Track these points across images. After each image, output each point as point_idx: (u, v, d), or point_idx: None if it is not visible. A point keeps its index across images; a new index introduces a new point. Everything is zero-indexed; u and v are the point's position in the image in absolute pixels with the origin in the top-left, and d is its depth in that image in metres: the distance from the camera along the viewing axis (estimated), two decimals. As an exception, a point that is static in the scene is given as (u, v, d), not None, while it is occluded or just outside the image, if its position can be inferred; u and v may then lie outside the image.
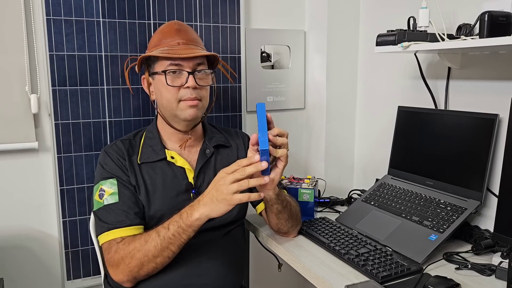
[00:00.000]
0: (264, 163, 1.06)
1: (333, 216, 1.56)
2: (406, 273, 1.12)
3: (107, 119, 1.57)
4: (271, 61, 1.90)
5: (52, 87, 1.48)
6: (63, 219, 1.54)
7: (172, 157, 1.28)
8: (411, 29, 1.31)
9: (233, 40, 1.74)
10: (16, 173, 1.49)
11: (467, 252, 1.24)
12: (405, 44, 1.26)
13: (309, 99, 1.95)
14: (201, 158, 1.31)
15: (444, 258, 1.21)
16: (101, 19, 1.52)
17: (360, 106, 1.90)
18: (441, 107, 1.49)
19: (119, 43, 1.55)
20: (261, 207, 1.36)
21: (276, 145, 1.11)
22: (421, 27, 1.29)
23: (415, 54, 1.50)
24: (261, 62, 1.84)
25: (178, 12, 1.63)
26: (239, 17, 1.74)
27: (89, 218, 1.44)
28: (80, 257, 1.58)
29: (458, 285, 1.05)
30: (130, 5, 1.55)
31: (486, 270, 1.13)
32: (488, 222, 1.33)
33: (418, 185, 1.47)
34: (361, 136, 1.91)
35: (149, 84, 1.30)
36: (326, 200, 1.70)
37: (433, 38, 1.27)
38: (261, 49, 1.84)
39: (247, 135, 1.47)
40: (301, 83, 1.94)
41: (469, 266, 1.15)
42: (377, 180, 1.63)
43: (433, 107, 1.51)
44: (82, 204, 1.56)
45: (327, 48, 1.81)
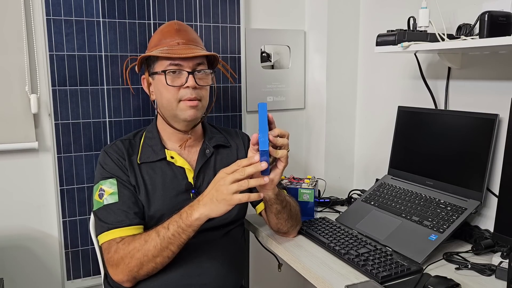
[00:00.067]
0: (263, 164, 1.05)
1: (333, 216, 1.56)
2: (406, 273, 1.12)
3: (107, 119, 1.57)
4: (271, 61, 1.90)
5: (52, 87, 1.48)
6: (63, 219, 1.54)
7: (172, 157, 1.28)
8: (411, 29, 1.31)
9: (233, 40, 1.74)
10: (16, 173, 1.49)
11: (467, 252, 1.24)
12: (405, 44, 1.26)
13: (309, 99, 1.95)
14: (201, 158, 1.31)
15: (444, 258, 1.21)
16: (101, 19, 1.52)
17: (360, 106, 1.90)
18: (441, 107, 1.49)
19: (119, 43, 1.55)
20: (260, 207, 1.36)
21: (276, 145, 1.11)
22: (421, 27, 1.29)
23: (415, 54, 1.50)
24: (261, 62, 1.83)
25: (178, 12, 1.63)
26: (239, 17, 1.74)
27: (89, 218, 1.44)
28: (80, 257, 1.58)
29: (458, 285, 1.05)
30: (130, 5, 1.55)
31: (486, 270, 1.13)
32: (488, 222, 1.33)
33: (418, 185, 1.47)
34: (361, 136, 1.91)
35: (149, 84, 1.30)
36: (326, 200, 1.70)
37: (433, 38, 1.27)
38: (261, 49, 1.84)
39: (247, 135, 1.47)
40: (301, 83, 1.94)
41: (469, 266, 1.15)
42: (377, 180, 1.63)
43: (433, 107, 1.50)
44: (82, 204, 1.56)
45: (327, 48, 1.80)
